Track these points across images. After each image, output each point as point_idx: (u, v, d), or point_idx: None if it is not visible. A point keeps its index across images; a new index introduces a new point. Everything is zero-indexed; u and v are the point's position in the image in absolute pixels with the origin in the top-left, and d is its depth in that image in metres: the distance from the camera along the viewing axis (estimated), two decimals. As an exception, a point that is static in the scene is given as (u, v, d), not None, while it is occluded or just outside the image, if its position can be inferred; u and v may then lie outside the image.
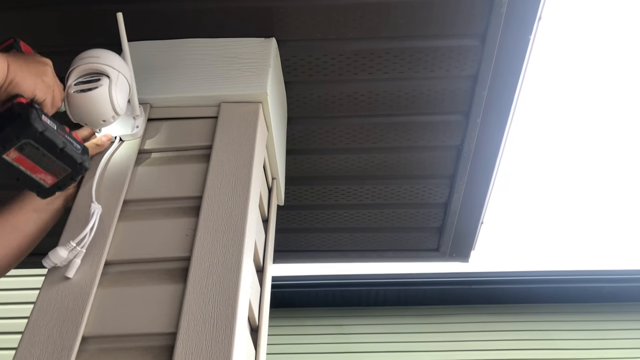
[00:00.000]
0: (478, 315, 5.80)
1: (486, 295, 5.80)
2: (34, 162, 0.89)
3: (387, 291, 5.85)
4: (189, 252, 0.96)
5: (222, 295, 0.88)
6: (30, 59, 0.94)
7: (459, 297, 5.81)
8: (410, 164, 1.68)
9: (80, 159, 0.94)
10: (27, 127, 0.85)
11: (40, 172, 0.91)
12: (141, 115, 1.17)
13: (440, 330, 5.73)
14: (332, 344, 5.66)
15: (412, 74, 1.45)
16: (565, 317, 5.76)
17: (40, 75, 0.92)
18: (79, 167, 0.95)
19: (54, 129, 0.90)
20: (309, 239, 1.95)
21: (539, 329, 5.68)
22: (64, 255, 0.91)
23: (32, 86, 0.90)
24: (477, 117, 1.55)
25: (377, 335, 5.74)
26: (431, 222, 1.88)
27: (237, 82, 1.24)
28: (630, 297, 5.90)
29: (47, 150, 0.89)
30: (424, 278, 5.78)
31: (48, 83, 0.93)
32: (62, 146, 0.90)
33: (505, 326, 5.71)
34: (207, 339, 0.83)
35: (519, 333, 5.66)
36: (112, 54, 1.07)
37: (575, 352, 5.54)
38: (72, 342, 0.84)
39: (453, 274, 5.81)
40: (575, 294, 5.79)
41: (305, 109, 1.54)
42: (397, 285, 5.80)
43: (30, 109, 0.87)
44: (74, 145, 0.94)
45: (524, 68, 1.47)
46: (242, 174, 1.08)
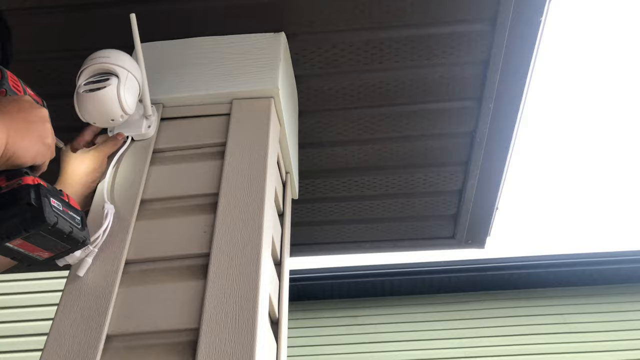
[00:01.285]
0: (494, 302, 5.79)
1: (502, 281, 5.79)
2: (35, 245, 0.82)
3: (402, 281, 5.86)
4: (207, 249, 0.96)
5: (242, 289, 0.89)
6: (30, 119, 0.81)
7: (474, 284, 5.80)
8: (423, 152, 1.68)
9: (82, 238, 0.87)
10: (40, 221, 0.78)
11: (38, 251, 0.84)
12: (153, 114, 1.18)
13: (456, 317, 5.72)
14: (348, 335, 5.68)
15: (423, 61, 1.44)
16: (582, 300, 5.73)
17: (42, 139, 0.82)
18: (80, 245, 0.88)
19: (61, 211, 0.83)
20: (324, 232, 1.96)
21: (556, 313, 5.66)
22: (78, 254, 0.92)
23: (34, 154, 0.80)
24: (489, 102, 1.54)
25: (392, 325, 5.75)
26: (446, 210, 1.88)
27: (248, 78, 1.25)
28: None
29: (53, 237, 0.83)
30: (438, 266, 5.77)
31: (49, 145, 0.84)
32: (68, 232, 0.83)
33: (521, 311, 5.70)
34: (229, 334, 0.83)
35: (536, 318, 5.64)
36: (122, 54, 1.08)
37: (593, 334, 5.51)
38: (97, 340, 0.85)
39: (467, 261, 5.79)
40: (592, 276, 5.75)
41: (316, 102, 1.53)
42: (411, 274, 5.80)
43: (44, 200, 0.79)
44: (75, 222, 0.86)
45: (535, 51, 1.46)
46: (257, 170, 1.09)
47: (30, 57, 1.41)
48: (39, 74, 1.45)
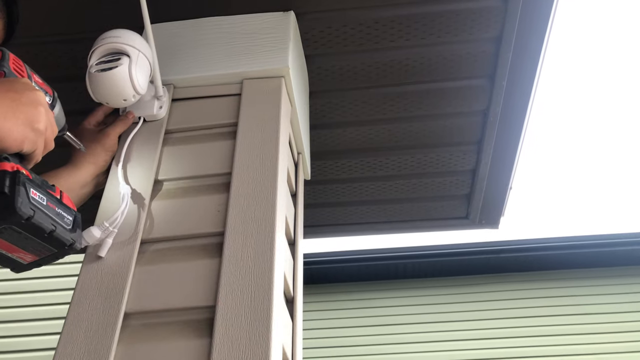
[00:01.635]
0: (507, 284, 5.78)
1: (515, 264, 5.77)
2: (12, 243, 0.74)
3: (415, 264, 5.87)
4: (222, 227, 0.97)
5: (258, 267, 0.89)
6: (19, 99, 0.75)
7: (487, 267, 5.79)
8: (436, 131, 1.67)
9: (70, 241, 0.79)
10: (11, 213, 0.69)
11: (18, 251, 0.76)
12: (164, 95, 1.18)
13: (470, 300, 5.73)
14: (362, 318, 5.71)
15: (434, 39, 1.42)
16: (597, 282, 5.70)
17: (31, 123, 0.75)
18: (67, 249, 0.80)
19: (43, 205, 0.74)
20: (336, 213, 1.96)
21: (570, 295, 5.64)
22: (97, 235, 0.93)
23: (20, 139, 0.73)
24: (502, 80, 1.52)
25: (406, 307, 5.78)
26: (459, 190, 1.87)
27: (258, 58, 1.24)
28: (664, 259, 5.79)
29: (31, 235, 0.74)
30: (451, 249, 5.77)
31: (40, 131, 0.77)
32: (50, 230, 0.75)
33: (535, 293, 5.68)
34: (245, 310, 0.84)
35: (550, 300, 5.63)
36: (133, 33, 1.08)
37: (607, 316, 5.49)
38: (115, 318, 0.86)
39: (480, 243, 5.78)
40: (607, 258, 5.71)
41: (327, 82, 1.53)
42: (424, 257, 5.81)
43: (17, 188, 0.70)
44: (64, 221, 0.78)
45: (549, 26, 1.43)
46: (269, 149, 1.09)
47: (38, 40, 1.41)
48: (49, 57, 1.45)
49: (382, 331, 5.64)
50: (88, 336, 0.85)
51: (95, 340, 0.84)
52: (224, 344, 0.81)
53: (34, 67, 1.02)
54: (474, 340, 5.53)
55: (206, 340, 0.83)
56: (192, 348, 0.83)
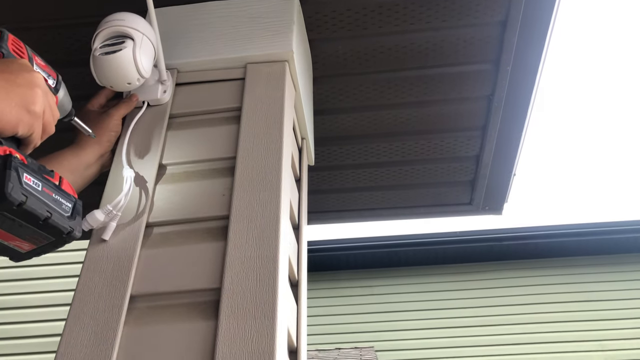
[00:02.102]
0: (510, 271, 5.79)
1: (517, 251, 5.78)
2: (6, 231, 0.71)
3: (417, 251, 5.88)
4: (227, 211, 0.97)
5: (263, 250, 0.89)
6: (14, 80, 0.73)
7: (490, 254, 5.81)
8: (440, 117, 1.66)
9: (68, 228, 0.76)
10: (1, 199, 0.66)
11: (14, 239, 0.73)
12: (168, 79, 1.18)
13: (472, 287, 5.75)
14: (364, 305, 5.74)
15: (439, 23, 1.41)
16: (601, 269, 5.71)
17: (26, 104, 0.72)
18: (65, 237, 0.77)
19: (37, 191, 0.71)
20: (340, 199, 1.96)
21: (574, 282, 5.66)
22: (101, 219, 0.94)
23: (13, 121, 0.71)
24: (507, 65, 1.51)
25: (408, 294, 5.80)
26: (463, 176, 1.87)
27: (262, 42, 1.23)
28: (668, 246, 5.80)
29: (25, 222, 0.71)
30: (454, 237, 5.78)
31: (35, 113, 0.74)
32: (45, 217, 0.71)
33: (537, 280, 5.70)
34: (251, 293, 0.84)
35: (553, 287, 5.64)
36: (137, 17, 1.07)
37: (612, 302, 5.51)
38: (121, 300, 0.87)
39: (483, 231, 5.79)
40: (610, 245, 5.72)
41: (331, 67, 1.52)
42: (427, 245, 5.82)
43: (8, 172, 0.67)
44: (62, 208, 0.75)
45: (555, 11, 1.42)
46: (274, 133, 1.08)
47: (42, 25, 1.41)
48: (52, 41, 1.45)
49: (384, 318, 5.68)
50: (94, 319, 0.85)
51: (101, 323, 0.85)
52: (229, 326, 0.81)
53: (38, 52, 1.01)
54: (476, 326, 5.56)
55: (212, 322, 0.84)
56: (197, 330, 0.83)
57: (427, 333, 5.52)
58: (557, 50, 3.39)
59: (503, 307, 5.57)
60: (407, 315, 5.62)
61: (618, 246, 5.66)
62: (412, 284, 5.85)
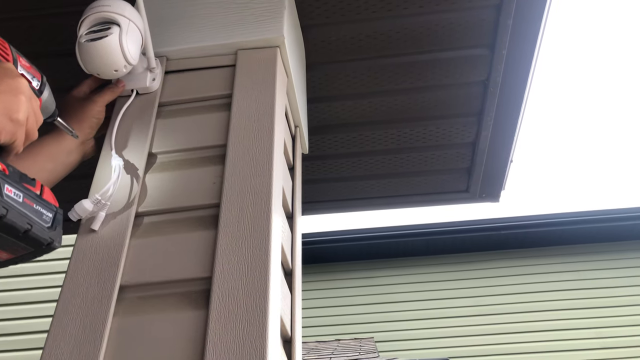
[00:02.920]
0: (508, 260, 5.80)
1: (515, 240, 5.78)
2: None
3: (416, 241, 5.88)
4: (217, 199, 0.95)
5: (254, 238, 0.88)
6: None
7: (488, 244, 5.81)
8: (435, 103, 1.64)
9: (48, 240, 0.74)
10: None
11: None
12: (157, 67, 1.16)
13: (472, 277, 5.75)
14: (364, 296, 5.74)
15: (432, 7, 1.39)
16: (598, 257, 5.72)
17: (9, 112, 0.71)
18: (44, 248, 0.75)
19: (18, 202, 0.70)
20: (335, 188, 1.94)
21: (572, 270, 5.66)
22: (89, 208, 0.92)
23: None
24: (502, 49, 1.49)
25: (407, 285, 5.80)
26: (459, 163, 1.85)
27: (252, 28, 1.21)
28: (666, 233, 5.80)
29: (5, 234, 0.69)
30: (452, 226, 5.77)
31: (19, 121, 0.73)
32: (25, 229, 0.70)
33: (536, 269, 5.70)
34: (242, 281, 0.83)
35: (552, 275, 5.65)
36: (123, 2, 1.05)
37: (609, 290, 5.51)
38: (110, 291, 0.85)
39: (481, 220, 5.79)
40: (608, 233, 5.72)
41: (324, 53, 1.50)
42: (425, 235, 5.82)
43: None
44: (42, 218, 0.73)
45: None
46: (265, 120, 1.06)
47: (28, 15, 1.38)
48: (39, 31, 1.42)
49: (383, 309, 5.68)
50: (83, 309, 0.84)
51: (90, 313, 0.83)
52: (220, 315, 0.80)
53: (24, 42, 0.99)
54: (476, 316, 5.56)
55: (203, 311, 0.82)
56: (188, 320, 0.82)
57: (427, 323, 5.52)
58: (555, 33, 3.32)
59: (501, 296, 5.57)
60: (406, 306, 5.62)
61: (616, 234, 5.66)
62: (411, 275, 5.85)
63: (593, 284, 5.51)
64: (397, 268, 5.88)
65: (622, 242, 5.69)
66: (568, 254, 5.71)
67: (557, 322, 5.35)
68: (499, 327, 5.44)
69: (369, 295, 5.72)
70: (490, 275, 5.72)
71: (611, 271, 5.57)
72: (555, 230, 5.66)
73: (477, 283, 5.67)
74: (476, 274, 5.73)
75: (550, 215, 5.69)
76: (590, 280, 5.53)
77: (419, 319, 5.55)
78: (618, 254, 5.67)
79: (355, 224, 5.88)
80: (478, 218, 5.74)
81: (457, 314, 5.53)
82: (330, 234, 5.86)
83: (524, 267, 5.69)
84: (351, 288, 5.82)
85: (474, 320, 5.47)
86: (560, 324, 5.35)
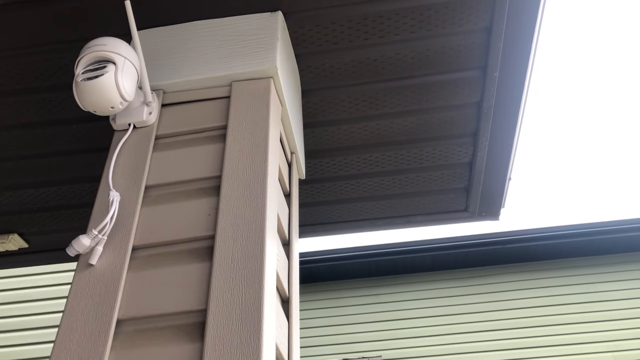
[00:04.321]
0: (515, 274, 5.76)
1: (521, 254, 5.75)
2: None
3: (422, 257, 5.85)
4: (212, 231, 0.97)
5: (248, 269, 0.89)
6: None
7: (494, 258, 5.77)
8: (430, 125, 1.66)
9: None
10: None
11: None
12: (154, 101, 1.18)
13: (478, 292, 5.71)
14: (370, 314, 5.71)
15: (423, 32, 1.42)
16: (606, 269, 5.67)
17: None
18: None
19: None
20: (335, 211, 1.95)
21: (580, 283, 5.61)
22: (87, 243, 0.94)
23: None
24: (494, 70, 1.51)
25: (414, 301, 5.77)
26: (457, 183, 1.86)
27: (246, 60, 1.24)
28: (673, 243, 5.75)
29: None
30: (457, 242, 5.75)
31: None
32: None
33: (543, 282, 5.66)
34: (237, 312, 0.84)
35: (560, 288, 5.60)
36: (118, 41, 1.08)
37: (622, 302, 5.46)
38: (108, 325, 0.86)
39: (486, 235, 5.76)
40: (615, 244, 5.67)
41: (318, 80, 1.52)
42: (431, 251, 5.79)
43: None
44: None
45: (540, 13, 1.42)
46: (259, 150, 1.09)
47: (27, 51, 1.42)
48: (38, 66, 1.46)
49: (390, 326, 5.64)
50: (81, 344, 0.85)
51: (88, 348, 0.84)
52: (215, 347, 0.81)
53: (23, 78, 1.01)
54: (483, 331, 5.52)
55: (198, 344, 0.83)
56: (184, 352, 0.83)
57: (434, 340, 5.48)
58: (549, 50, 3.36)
59: (510, 310, 5.52)
60: (413, 323, 5.58)
61: (627, 245, 5.61)
62: (418, 291, 5.81)
63: (604, 297, 5.45)
64: (404, 285, 5.85)
65: (634, 253, 5.64)
66: (578, 266, 5.66)
67: (567, 337, 5.30)
68: (509, 342, 5.38)
69: (375, 312, 5.69)
70: (499, 289, 5.68)
71: (622, 283, 5.52)
72: (563, 243, 5.62)
73: (486, 298, 5.63)
74: (484, 288, 5.69)
75: (558, 228, 5.65)
76: (601, 293, 5.47)
77: (427, 336, 5.51)
78: (629, 265, 5.62)
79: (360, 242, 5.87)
80: (484, 232, 5.71)
81: (465, 330, 5.48)
82: (335, 252, 5.85)
83: (532, 281, 5.65)
84: (358, 306, 5.79)
85: (484, 336, 5.42)
86: (571, 337, 5.29)
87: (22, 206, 1.85)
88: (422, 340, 5.56)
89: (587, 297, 5.54)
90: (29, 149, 1.66)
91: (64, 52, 1.41)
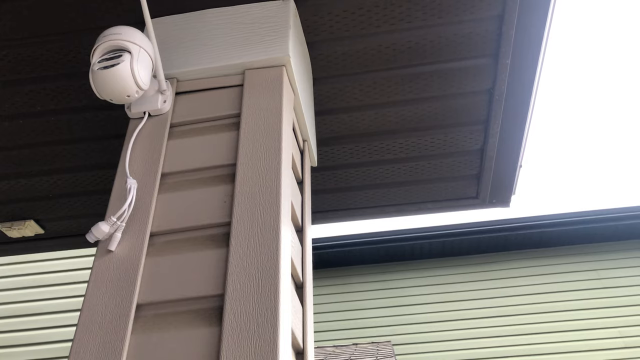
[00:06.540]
0: (524, 261, 5.76)
1: (531, 240, 5.74)
2: None
3: (432, 243, 5.86)
4: (228, 218, 0.99)
5: (264, 254, 0.91)
6: None
7: (503, 244, 5.78)
8: (442, 113, 1.66)
9: None
10: None
11: None
12: (168, 89, 1.20)
13: (487, 278, 5.72)
14: (379, 299, 5.75)
15: (435, 20, 1.42)
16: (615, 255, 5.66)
17: None
18: None
19: None
20: (346, 198, 1.97)
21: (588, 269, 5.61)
22: (106, 230, 0.96)
23: None
24: (506, 58, 1.51)
25: (423, 287, 5.79)
26: (468, 170, 1.87)
27: (258, 48, 1.25)
28: (684, 230, 5.71)
29: None
30: (467, 228, 5.75)
31: None
32: None
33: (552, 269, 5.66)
34: (253, 297, 0.86)
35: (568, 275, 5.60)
36: (133, 30, 1.09)
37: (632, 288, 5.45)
38: (128, 309, 0.89)
39: (496, 221, 5.76)
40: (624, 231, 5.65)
41: (330, 67, 1.53)
42: (441, 237, 5.80)
43: None
44: None
45: (553, 1, 1.42)
46: (273, 138, 1.10)
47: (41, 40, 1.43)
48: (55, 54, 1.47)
49: (399, 312, 5.68)
50: (102, 328, 0.88)
51: (109, 332, 0.87)
52: (233, 331, 0.83)
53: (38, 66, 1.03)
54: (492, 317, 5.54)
55: (216, 328, 0.86)
56: (203, 336, 0.85)
57: (443, 325, 5.51)
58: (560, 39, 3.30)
59: (520, 296, 5.54)
60: (423, 309, 5.62)
61: (636, 231, 5.59)
62: (427, 277, 5.84)
63: (613, 283, 5.45)
64: (413, 270, 5.88)
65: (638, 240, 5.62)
66: (587, 252, 5.66)
67: (578, 322, 5.31)
68: (518, 327, 5.40)
69: (385, 298, 5.73)
70: (508, 276, 5.69)
71: (632, 269, 5.51)
72: (574, 229, 5.61)
73: (495, 284, 5.65)
74: (493, 274, 5.70)
75: (567, 214, 5.64)
76: (610, 279, 5.47)
77: (436, 322, 5.54)
78: (635, 252, 5.60)
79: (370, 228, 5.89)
80: (494, 219, 5.71)
81: (474, 316, 5.51)
82: (345, 238, 5.88)
83: (542, 267, 5.66)
84: (368, 292, 5.83)
85: (493, 322, 5.45)
86: (582, 323, 5.30)
87: (38, 193, 1.88)
88: (431, 325, 5.60)
89: (597, 284, 5.54)
90: (43, 136, 1.68)
91: (78, 40, 1.43)
